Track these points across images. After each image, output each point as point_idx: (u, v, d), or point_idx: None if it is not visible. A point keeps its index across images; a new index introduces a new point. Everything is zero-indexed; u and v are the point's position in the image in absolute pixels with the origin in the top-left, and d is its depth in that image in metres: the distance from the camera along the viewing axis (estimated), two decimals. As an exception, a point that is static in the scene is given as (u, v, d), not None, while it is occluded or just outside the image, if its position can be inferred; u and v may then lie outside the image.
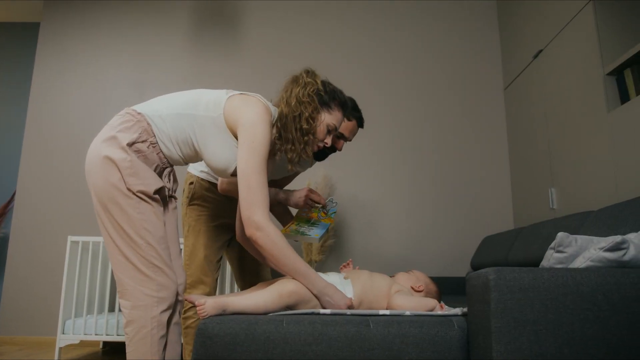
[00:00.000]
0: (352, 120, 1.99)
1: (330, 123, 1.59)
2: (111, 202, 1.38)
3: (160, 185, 1.45)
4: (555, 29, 2.81)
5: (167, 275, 1.41)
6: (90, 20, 3.98)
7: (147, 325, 1.36)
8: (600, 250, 1.26)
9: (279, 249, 1.40)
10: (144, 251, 1.38)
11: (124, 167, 1.37)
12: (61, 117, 3.83)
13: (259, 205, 1.40)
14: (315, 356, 1.24)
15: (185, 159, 1.57)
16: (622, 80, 2.30)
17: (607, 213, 1.90)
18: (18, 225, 3.67)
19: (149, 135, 1.45)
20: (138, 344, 1.36)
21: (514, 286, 1.14)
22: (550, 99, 2.90)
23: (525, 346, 1.12)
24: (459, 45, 3.78)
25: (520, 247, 2.55)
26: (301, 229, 1.95)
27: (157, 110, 1.49)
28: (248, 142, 1.42)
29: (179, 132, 1.48)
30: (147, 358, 1.35)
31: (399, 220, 3.55)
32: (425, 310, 1.48)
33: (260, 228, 1.39)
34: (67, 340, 2.92)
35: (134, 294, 1.37)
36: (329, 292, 1.44)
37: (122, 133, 1.42)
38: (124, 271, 1.38)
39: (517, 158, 3.43)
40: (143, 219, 1.39)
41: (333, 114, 1.60)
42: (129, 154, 1.39)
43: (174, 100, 1.52)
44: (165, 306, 1.39)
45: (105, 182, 1.38)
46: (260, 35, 3.88)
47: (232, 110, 1.46)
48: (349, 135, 2.02)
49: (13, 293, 3.56)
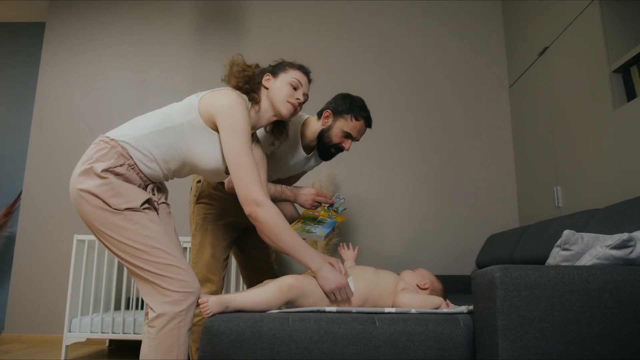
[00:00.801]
0: (359, 120, 1.97)
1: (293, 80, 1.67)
2: (103, 225, 1.39)
3: (146, 197, 1.46)
4: (561, 26, 2.80)
5: (185, 271, 1.41)
6: (94, 20, 4.00)
7: (176, 318, 1.35)
8: (607, 247, 1.26)
9: (278, 225, 1.44)
10: (152, 255, 1.38)
11: (102, 192, 1.39)
12: (66, 116, 3.85)
13: (255, 183, 1.43)
14: (321, 354, 1.25)
15: (172, 174, 1.59)
16: (628, 77, 2.29)
17: (614, 211, 1.89)
18: (24, 225, 3.69)
19: (126, 159, 1.46)
20: (166, 335, 1.35)
21: (520, 284, 1.14)
22: (555, 97, 2.89)
23: (532, 344, 1.12)
24: (464, 43, 3.77)
25: (525, 245, 2.54)
26: (307, 227, 1.95)
27: (132, 133, 1.50)
28: (229, 126, 1.45)
29: (163, 150, 1.50)
30: (174, 349, 1.35)
31: (404, 218, 3.55)
32: (431, 308, 1.48)
33: (260, 204, 1.42)
34: (74, 339, 2.94)
35: (160, 293, 1.37)
36: (322, 273, 1.47)
37: (97, 163, 1.43)
38: (144, 279, 1.38)
39: (522, 156, 3.42)
40: (139, 227, 1.40)
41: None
42: (106, 178, 1.40)
43: (149, 121, 1.54)
44: (192, 300, 1.39)
45: (91, 209, 1.40)
46: (263, 35, 3.89)
47: (206, 107, 1.50)
48: (357, 135, 2.00)
49: (20, 292, 3.58)
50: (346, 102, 1.98)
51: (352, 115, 1.96)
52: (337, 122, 1.97)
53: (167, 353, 1.34)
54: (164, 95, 3.84)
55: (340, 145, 1.99)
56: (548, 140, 2.98)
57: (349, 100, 1.99)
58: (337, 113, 1.98)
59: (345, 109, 1.97)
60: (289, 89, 1.64)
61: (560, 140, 2.83)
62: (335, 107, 1.99)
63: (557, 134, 2.87)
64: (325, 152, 2.03)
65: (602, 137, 2.40)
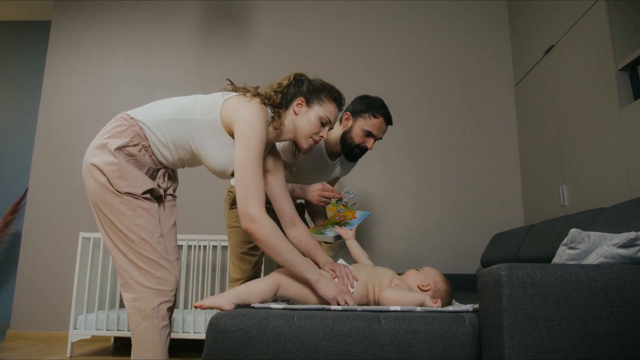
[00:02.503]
0: (378, 117, 2.01)
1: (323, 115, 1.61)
2: (103, 202, 1.45)
3: (149, 187, 1.50)
4: (567, 24, 2.78)
5: (164, 268, 1.47)
6: (100, 18, 4.01)
7: (149, 317, 1.42)
8: (614, 246, 1.26)
9: (274, 241, 1.45)
10: (139, 246, 1.44)
11: (109, 171, 1.44)
12: (72, 114, 3.86)
13: (254, 199, 1.44)
14: (326, 351, 1.25)
15: (183, 163, 1.62)
16: (635, 75, 2.27)
17: (620, 209, 1.88)
18: (30, 222, 3.71)
19: (141, 139, 1.51)
20: (141, 334, 1.43)
21: (526, 282, 1.14)
22: (561, 95, 2.88)
23: (538, 342, 1.11)
24: (469, 42, 3.76)
25: (531, 244, 2.53)
26: (324, 229, 1.98)
27: (152, 116, 1.54)
28: (243, 139, 1.45)
29: (176, 138, 1.53)
30: (150, 347, 1.42)
31: (408, 216, 3.54)
32: (413, 305, 1.48)
33: (255, 221, 1.43)
34: (79, 336, 2.96)
35: (135, 287, 1.44)
36: (321, 283, 1.48)
37: (113, 139, 1.48)
38: (123, 266, 1.45)
39: (528, 154, 3.41)
40: (135, 215, 1.45)
41: (324, 106, 1.62)
42: (116, 158, 1.45)
43: (169, 107, 1.57)
44: (165, 298, 1.46)
45: (95, 185, 1.46)
46: (267, 33, 3.88)
47: (228, 112, 1.50)
48: (377, 132, 2.04)
49: (25, 289, 3.60)
50: (363, 102, 2.04)
51: (370, 114, 2.01)
52: (357, 122, 2.03)
53: (144, 351, 1.43)
54: (168, 93, 3.81)
55: (362, 144, 2.04)
56: (554, 138, 2.97)
57: (366, 100, 2.05)
58: (356, 113, 2.03)
59: (363, 108, 2.03)
60: (317, 126, 1.60)
61: (566, 138, 2.82)
62: (354, 108, 2.05)
63: (562, 132, 2.86)
64: (350, 153, 2.08)
65: (608, 136, 2.39)
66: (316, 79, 1.67)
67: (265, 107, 1.55)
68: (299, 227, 1.73)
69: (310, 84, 1.63)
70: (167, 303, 1.47)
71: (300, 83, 1.63)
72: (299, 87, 1.62)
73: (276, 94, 1.59)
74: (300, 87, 1.62)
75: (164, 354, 1.47)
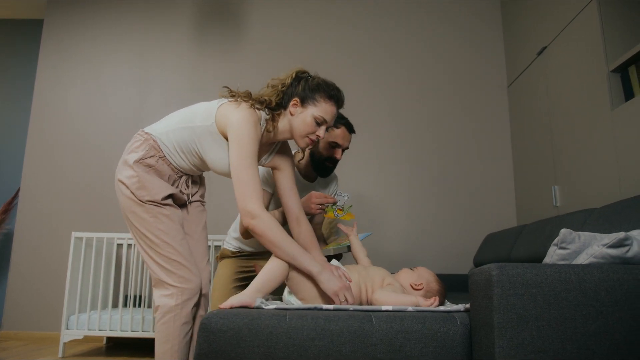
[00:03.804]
0: (339, 127, 2.07)
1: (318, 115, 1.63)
2: (130, 213, 1.59)
3: (168, 192, 1.62)
4: (559, 25, 2.80)
5: (187, 268, 1.58)
6: (93, 17, 3.99)
7: (171, 311, 1.54)
8: (604, 246, 1.26)
9: (274, 235, 1.50)
10: (162, 249, 1.56)
11: (130, 184, 1.58)
12: (64, 113, 3.84)
13: (252, 196, 1.50)
14: (317, 351, 1.25)
15: (197, 168, 1.71)
16: (626, 77, 2.29)
17: (611, 210, 1.90)
18: (22, 222, 3.68)
19: (157, 151, 1.63)
20: (162, 326, 1.54)
21: (517, 282, 1.14)
22: (554, 96, 2.89)
23: (528, 342, 1.12)
24: (462, 43, 3.77)
25: (523, 244, 2.55)
26: (338, 238, 2.03)
27: (161, 128, 1.67)
28: (236, 141, 1.54)
29: (183, 145, 1.64)
30: (169, 340, 1.54)
31: (401, 217, 3.55)
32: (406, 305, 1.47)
33: (254, 216, 1.49)
34: (71, 336, 2.94)
35: (162, 286, 1.57)
36: (323, 276, 1.51)
37: (131, 154, 1.63)
38: (151, 267, 1.58)
39: (521, 155, 3.43)
40: (157, 221, 1.57)
41: (319, 106, 1.63)
42: (135, 171, 1.59)
43: (174, 117, 1.69)
44: (188, 296, 1.56)
45: (122, 198, 1.61)
46: (263, 33, 3.88)
47: (221, 118, 1.59)
48: (342, 141, 2.08)
49: (17, 289, 3.58)
50: None
51: (332, 126, 2.05)
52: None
53: (163, 343, 1.54)
54: (162, 93, 3.84)
55: (332, 156, 2.10)
56: (546, 139, 2.98)
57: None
58: None
59: None
60: (313, 125, 1.62)
61: (558, 139, 2.83)
62: None
63: (555, 133, 2.87)
64: (322, 169, 2.14)
65: (600, 137, 2.40)
66: (315, 76, 1.68)
67: (255, 110, 1.60)
68: (303, 226, 1.75)
69: (306, 83, 1.64)
70: (190, 301, 1.57)
71: (297, 82, 1.65)
72: (295, 87, 1.64)
73: (277, 95, 1.64)
74: (297, 87, 1.64)
75: (182, 349, 1.56)
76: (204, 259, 1.75)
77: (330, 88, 1.65)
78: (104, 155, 3.70)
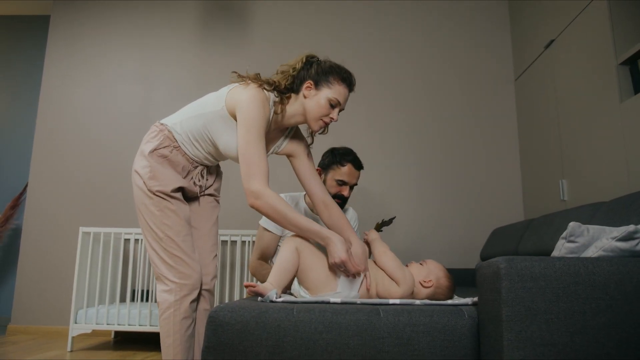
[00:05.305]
0: (345, 164, 2.18)
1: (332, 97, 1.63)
2: (141, 204, 1.62)
3: (178, 185, 1.63)
4: (567, 18, 2.77)
5: (187, 264, 1.60)
6: (99, 13, 3.99)
7: (171, 307, 1.57)
8: (613, 239, 1.26)
9: (280, 212, 1.50)
10: (165, 243, 1.59)
11: (143, 174, 1.61)
12: (71, 109, 3.85)
13: (256, 176, 1.50)
14: (325, 344, 1.25)
15: (213, 156, 1.72)
16: (635, 69, 2.27)
17: (620, 204, 1.88)
18: (30, 217, 3.71)
19: (171, 141, 1.65)
20: (163, 322, 1.58)
21: (525, 275, 1.14)
22: (561, 89, 2.87)
23: (537, 335, 1.11)
24: (468, 36, 3.75)
25: (530, 238, 2.53)
26: None
27: (175, 119, 1.69)
28: (242, 121, 1.55)
29: (196, 133, 1.65)
30: (170, 334, 1.57)
31: (408, 212, 3.54)
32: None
33: (259, 196, 1.49)
34: (80, 330, 2.97)
35: (163, 280, 1.59)
36: (333, 242, 1.51)
37: (147, 144, 1.65)
38: (154, 261, 1.61)
39: (528, 149, 3.41)
40: (163, 215, 1.59)
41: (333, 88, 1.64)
42: (149, 161, 1.62)
43: (188, 108, 1.72)
44: (187, 291, 1.58)
45: (136, 189, 1.64)
46: (268, 30, 3.87)
47: (230, 100, 1.60)
48: (349, 179, 2.21)
49: (26, 284, 3.61)
50: (329, 156, 2.25)
51: (338, 164, 2.19)
52: (328, 174, 2.22)
53: (166, 338, 1.58)
54: (168, 89, 3.84)
55: (339, 193, 2.19)
56: (554, 133, 2.96)
57: (331, 153, 2.25)
58: (325, 167, 2.23)
59: (330, 161, 2.22)
60: (327, 108, 1.62)
61: (566, 133, 2.81)
62: (322, 162, 2.25)
63: (562, 127, 2.85)
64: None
65: (609, 130, 2.38)
66: (326, 60, 1.69)
67: (263, 91, 1.61)
68: (331, 208, 1.75)
69: (319, 66, 1.65)
70: (189, 297, 1.59)
71: (309, 65, 1.66)
72: (308, 70, 1.65)
73: (287, 78, 1.64)
74: (309, 70, 1.65)
75: (184, 342, 1.59)
76: (211, 254, 1.75)
77: (343, 71, 1.67)
78: (111, 151, 3.72)
